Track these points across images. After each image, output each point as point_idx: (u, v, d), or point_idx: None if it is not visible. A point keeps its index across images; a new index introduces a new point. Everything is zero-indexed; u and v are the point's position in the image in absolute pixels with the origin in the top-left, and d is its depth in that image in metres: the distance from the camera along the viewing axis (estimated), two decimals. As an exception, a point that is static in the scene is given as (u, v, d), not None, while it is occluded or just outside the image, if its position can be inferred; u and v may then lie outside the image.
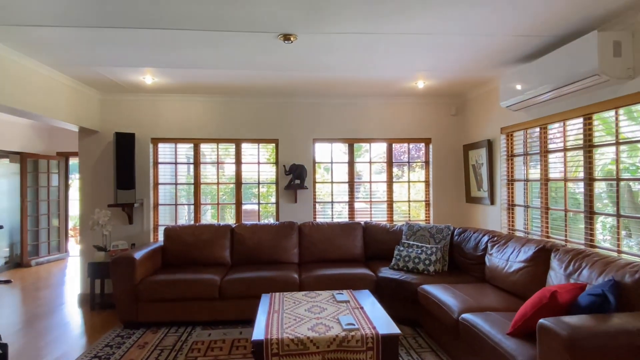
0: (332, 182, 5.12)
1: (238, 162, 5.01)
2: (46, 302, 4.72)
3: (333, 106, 5.00)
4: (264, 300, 3.17)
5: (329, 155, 5.12)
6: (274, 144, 5.03)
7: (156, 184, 4.98)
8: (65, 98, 4.11)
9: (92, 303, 4.41)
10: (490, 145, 4.40)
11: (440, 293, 3.26)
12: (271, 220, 5.18)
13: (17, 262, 6.75)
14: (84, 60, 3.51)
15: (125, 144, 4.59)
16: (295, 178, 4.79)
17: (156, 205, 4.98)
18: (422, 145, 5.26)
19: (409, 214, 5.20)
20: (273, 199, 5.13)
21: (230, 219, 5.16)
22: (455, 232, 4.23)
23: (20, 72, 3.40)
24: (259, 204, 5.12)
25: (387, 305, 3.73)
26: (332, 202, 5.11)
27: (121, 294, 3.76)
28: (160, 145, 5.00)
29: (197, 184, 5.00)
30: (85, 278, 4.70)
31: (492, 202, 4.39)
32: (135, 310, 3.77)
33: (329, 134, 5.00)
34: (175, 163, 5.03)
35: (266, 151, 5.11)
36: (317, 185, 5.10)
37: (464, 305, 2.96)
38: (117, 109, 4.83)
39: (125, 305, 3.76)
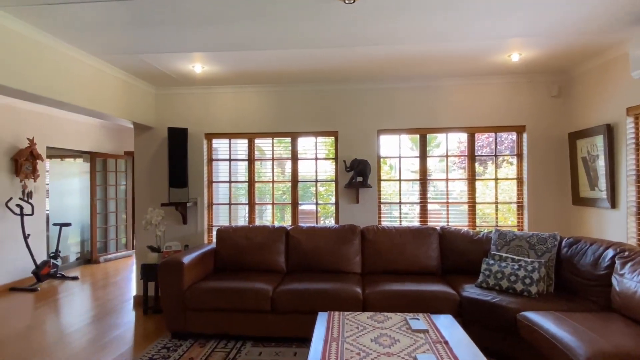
0: (400, 180, 4.42)
1: (294, 158, 4.53)
2: (106, 302, 4.64)
3: (401, 91, 4.30)
4: (321, 320, 2.61)
5: (395, 149, 4.44)
6: (333, 137, 4.47)
7: (210, 182, 4.68)
8: (118, 92, 3.93)
9: (144, 307, 4.21)
10: (610, 131, 3.41)
11: (552, 325, 2.45)
12: (331, 222, 4.63)
13: (87, 258, 6.99)
14: (126, 46, 3.24)
15: (178, 140, 4.34)
16: (357, 175, 4.18)
17: (210, 204, 4.69)
18: (509, 135, 4.35)
19: (496, 218, 4.32)
20: (332, 199, 4.57)
21: (290, 220, 4.70)
22: (564, 242, 3.32)
23: (64, 62, 3.22)
24: (316, 204, 4.59)
25: (474, 334, 2.97)
26: (399, 202, 4.42)
27: (169, 301, 3.45)
28: (215, 141, 4.70)
29: (251, 182, 4.62)
30: (139, 280, 4.54)
31: (614, 205, 3.40)
32: (184, 319, 3.44)
33: (397, 124, 4.31)
34: (230, 160, 4.69)
35: (324, 146, 4.57)
36: (382, 183, 4.44)
37: (592, 346, 2.13)
38: (171, 104, 4.61)
39: (172, 313, 3.45)
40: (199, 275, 3.71)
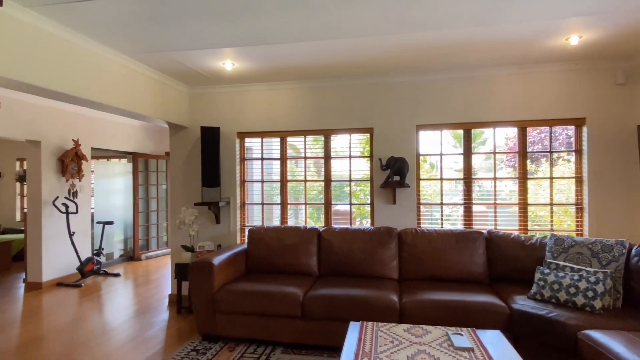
0: (441, 179, 4.11)
1: (327, 156, 4.35)
2: (143, 300, 4.71)
3: (442, 83, 3.99)
4: (352, 331, 2.41)
5: (436, 146, 4.13)
6: (368, 134, 4.25)
7: (243, 182, 4.61)
8: (152, 92, 3.95)
9: (178, 306, 4.21)
10: (692, 122, 2.93)
11: (624, 348, 2.09)
12: (366, 224, 4.40)
13: (130, 255, 7.22)
14: (153, 43, 3.21)
15: (210, 139, 4.30)
16: (393, 174, 3.93)
17: (243, 204, 4.62)
18: (564, 130, 3.90)
19: (551, 221, 3.90)
20: (368, 199, 4.34)
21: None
22: (634, 250, 2.89)
23: (97, 62, 3.24)
24: (350, 204, 4.38)
25: (526, 354, 2.65)
26: (441, 203, 4.11)
27: (199, 303, 3.39)
28: (247, 140, 4.63)
29: (283, 181, 4.49)
30: (173, 279, 4.56)
31: (697, 208, 2.92)
32: (214, 321, 3.37)
33: (437, 119, 4.01)
34: (262, 159, 4.60)
35: (359, 143, 4.35)
36: (422, 182, 4.15)
37: (677, 379, 1.77)
38: (204, 103, 4.60)
39: (203, 315, 3.39)
40: (229, 276, 3.63)
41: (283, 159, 4.49)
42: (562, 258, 3.04)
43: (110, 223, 6.12)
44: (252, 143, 4.67)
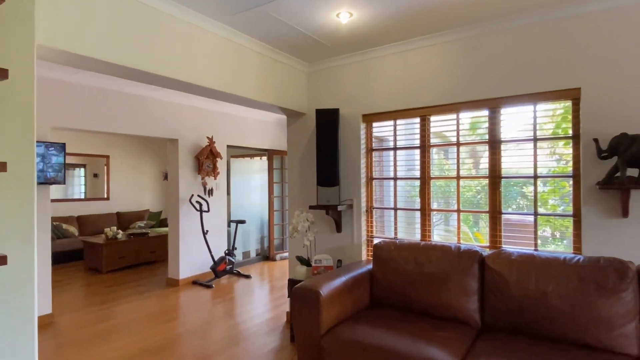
0: None
1: (492, 140, 2.87)
2: (265, 312, 4.16)
3: None
4: None
5: None
6: (568, 101, 2.60)
7: (370, 179, 3.54)
8: (260, 71, 3.24)
9: (292, 332, 3.43)
10: None
11: None
12: (563, 248, 2.75)
13: (265, 255, 7.01)
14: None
15: (327, 125, 3.37)
16: (625, 164, 2.22)
17: (370, 208, 3.54)
18: None
19: None
20: (566, 207, 2.68)
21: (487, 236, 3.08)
22: None
23: (185, 32, 2.63)
24: (535, 214, 2.78)
25: None
26: None
27: (302, 346, 2.48)
28: (376, 125, 3.53)
29: (425, 178, 3.22)
30: (287, 297, 3.81)
31: None
32: (322, 373, 2.40)
33: None
34: (395, 148, 3.42)
35: (549, 118, 2.72)
36: (684, 180, 2.28)
37: None
38: (323, 82, 3.70)
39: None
40: (345, 310, 2.61)
41: (425, 146, 3.22)
42: None
43: (243, 222, 5.89)
44: (382, 128, 3.54)
